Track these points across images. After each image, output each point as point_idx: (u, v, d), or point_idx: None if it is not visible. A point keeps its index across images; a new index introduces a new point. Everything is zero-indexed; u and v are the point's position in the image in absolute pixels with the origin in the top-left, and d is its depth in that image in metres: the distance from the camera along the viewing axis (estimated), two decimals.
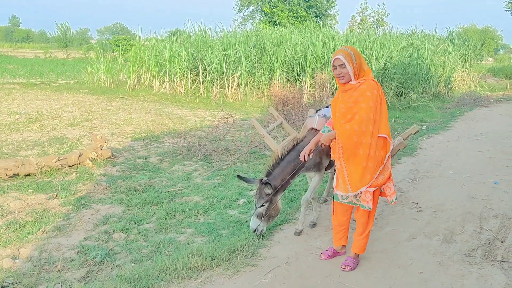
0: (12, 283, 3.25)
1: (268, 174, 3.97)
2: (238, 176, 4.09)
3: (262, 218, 3.97)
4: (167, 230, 4.41)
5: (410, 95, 15.28)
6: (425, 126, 10.98)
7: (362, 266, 3.67)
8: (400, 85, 15.15)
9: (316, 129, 4.25)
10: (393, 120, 11.76)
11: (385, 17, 40.08)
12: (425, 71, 16.40)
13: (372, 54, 14.54)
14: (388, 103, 14.22)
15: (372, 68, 14.02)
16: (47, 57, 35.26)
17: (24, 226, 4.30)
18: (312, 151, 3.61)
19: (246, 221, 4.52)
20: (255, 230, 4.01)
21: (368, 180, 3.37)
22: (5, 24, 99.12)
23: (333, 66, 3.40)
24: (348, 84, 3.39)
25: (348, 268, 3.59)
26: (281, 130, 7.01)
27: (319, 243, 4.13)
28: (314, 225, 4.49)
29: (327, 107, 4.63)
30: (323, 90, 12.65)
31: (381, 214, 4.88)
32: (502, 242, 4.17)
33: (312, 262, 3.74)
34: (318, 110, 4.67)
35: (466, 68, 20.84)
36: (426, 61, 16.67)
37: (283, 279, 3.46)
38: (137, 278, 3.32)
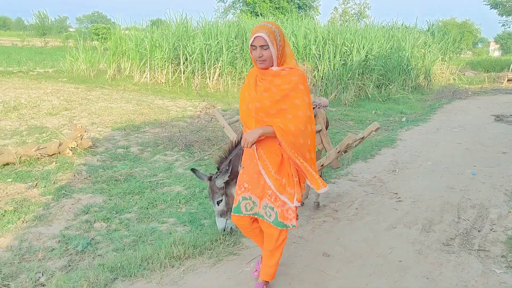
0: None
1: (218, 169, 3.77)
2: (192, 170, 3.87)
3: (226, 214, 3.80)
4: (149, 219, 4.39)
5: (390, 87, 15.46)
6: (404, 118, 11.13)
7: (343, 255, 3.73)
8: (381, 77, 15.32)
9: None
10: (373, 111, 11.90)
11: (367, 9, 40.42)
12: (406, 64, 16.60)
13: (354, 46, 14.61)
14: (369, 95, 14.36)
15: (353, 60, 14.09)
16: (25, 45, 34.39)
17: (4, 215, 4.22)
18: (254, 141, 2.72)
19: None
20: (224, 229, 3.87)
21: (319, 185, 2.86)
22: None
23: (252, 46, 2.68)
24: (270, 70, 2.72)
25: None
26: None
27: (300, 232, 4.17)
28: None
29: None
30: None
31: (362, 204, 4.95)
32: (479, 231, 4.28)
33: (293, 251, 3.78)
34: None
35: (445, 61, 21.15)
36: (407, 53, 16.86)
37: None
38: (119, 267, 3.31)
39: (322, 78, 13.91)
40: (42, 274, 3.25)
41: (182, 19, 16.29)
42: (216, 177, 3.71)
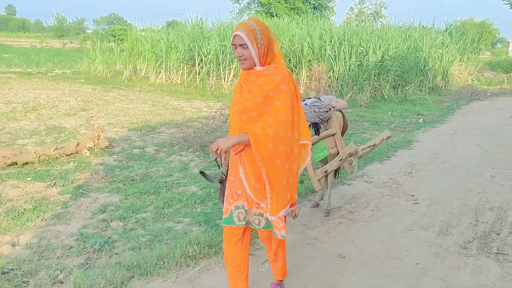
0: (12, 269, 3.26)
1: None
2: (201, 172, 3.74)
3: None
4: (164, 219, 4.43)
5: (407, 88, 15.30)
6: (421, 119, 11.01)
7: (359, 257, 3.71)
8: (397, 78, 15.17)
9: None
10: (390, 112, 11.80)
11: (383, 9, 40.14)
12: (423, 64, 16.41)
13: (370, 46, 14.51)
14: (385, 96, 14.24)
15: (369, 61, 13.97)
16: (43, 47, 34.96)
17: (23, 213, 4.31)
18: (226, 151, 2.50)
19: None
20: None
21: (288, 201, 2.62)
22: (0, 13, 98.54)
23: (233, 45, 2.55)
24: (253, 70, 2.56)
25: None
26: None
27: (315, 233, 4.16)
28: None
29: (308, 98, 4.59)
30: (320, 82, 12.66)
31: (377, 206, 4.92)
32: (497, 234, 4.21)
33: (308, 252, 3.78)
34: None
35: (463, 61, 20.86)
36: (424, 54, 16.67)
37: None
38: (135, 266, 3.34)
39: (337, 79, 13.83)
40: (61, 272, 3.30)
41: (198, 20, 16.42)
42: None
